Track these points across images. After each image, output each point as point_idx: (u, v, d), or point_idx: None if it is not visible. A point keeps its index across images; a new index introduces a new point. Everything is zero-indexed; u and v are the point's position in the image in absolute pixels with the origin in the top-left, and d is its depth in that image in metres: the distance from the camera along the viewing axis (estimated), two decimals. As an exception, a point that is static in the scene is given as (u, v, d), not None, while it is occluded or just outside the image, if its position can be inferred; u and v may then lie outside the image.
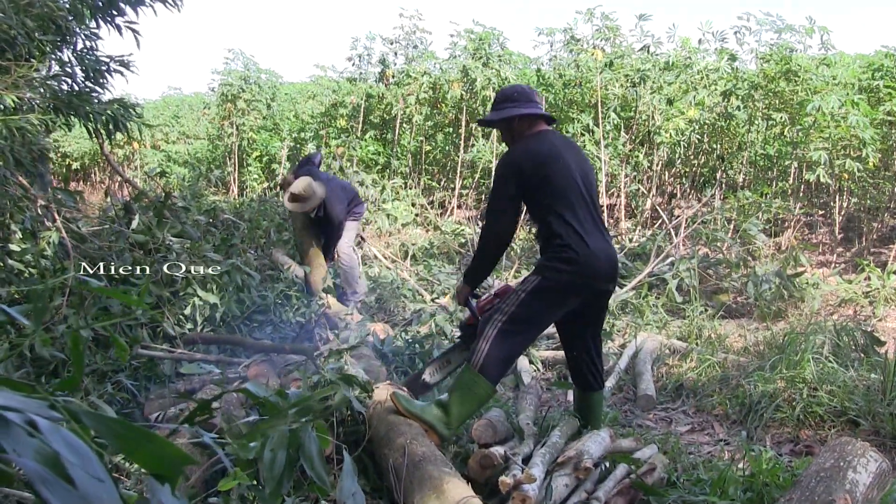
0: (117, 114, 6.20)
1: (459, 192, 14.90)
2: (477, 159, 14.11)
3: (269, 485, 2.04)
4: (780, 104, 11.68)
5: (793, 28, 11.49)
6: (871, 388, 5.33)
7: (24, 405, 0.87)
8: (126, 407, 4.69)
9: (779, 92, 11.54)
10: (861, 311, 8.44)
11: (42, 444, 0.82)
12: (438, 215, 14.24)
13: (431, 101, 14.76)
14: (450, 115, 15.02)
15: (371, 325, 6.98)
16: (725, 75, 12.07)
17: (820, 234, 12.02)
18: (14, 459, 0.81)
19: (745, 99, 12.04)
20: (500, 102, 4.54)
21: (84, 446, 0.84)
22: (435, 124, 15.46)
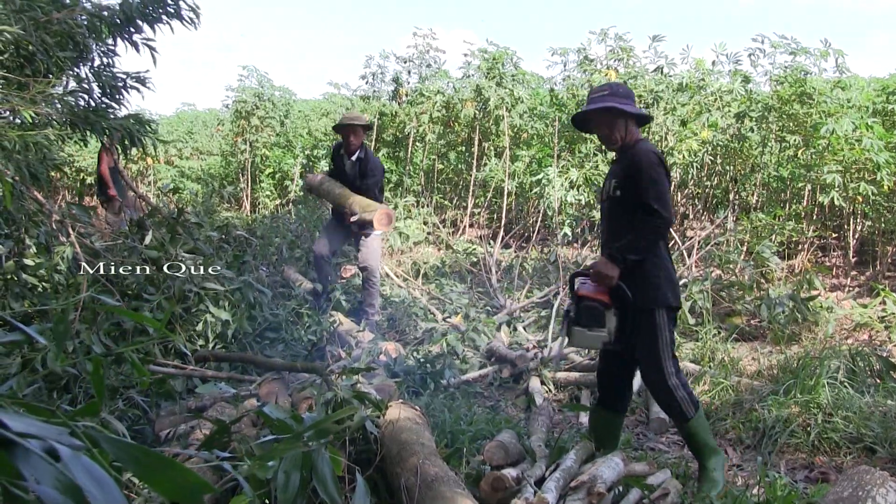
0: (133, 129, 6.22)
1: (471, 210, 14.91)
2: (489, 178, 14.12)
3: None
4: (794, 126, 11.64)
5: (807, 51, 11.46)
6: (887, 414, 5.29)
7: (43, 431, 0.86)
8: (137, 423, 4.68)
9: (793, 114, 11.52)
10: (876, 335, 8.37)
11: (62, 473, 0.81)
12: (450, 234, 14.24)
13: (444, 119, 14.78)
14: (462, 133, 15.04)
15: (383, 344, 6.97)
16: (739, 97, 12.06)
17: (834, 258, 11.97)
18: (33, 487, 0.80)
19: (758, 121, 12.01)
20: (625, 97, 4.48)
21: (105, 475, 0.82)
22: (448, 143, 15.48)
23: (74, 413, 1.19)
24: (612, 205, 4.47)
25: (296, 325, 7.28)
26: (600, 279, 4.28)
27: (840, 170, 10.31)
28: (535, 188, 12.88)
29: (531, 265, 11.37)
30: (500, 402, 6.39)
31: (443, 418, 4.97)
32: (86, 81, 6.44)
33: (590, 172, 12.44)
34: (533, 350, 7.10)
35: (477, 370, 6.88)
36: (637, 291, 4.27)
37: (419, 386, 6.18)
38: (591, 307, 4.30)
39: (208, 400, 4.94)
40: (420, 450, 3.80)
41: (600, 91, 4.50)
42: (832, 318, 8.40)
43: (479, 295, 9.80)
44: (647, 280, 4.31)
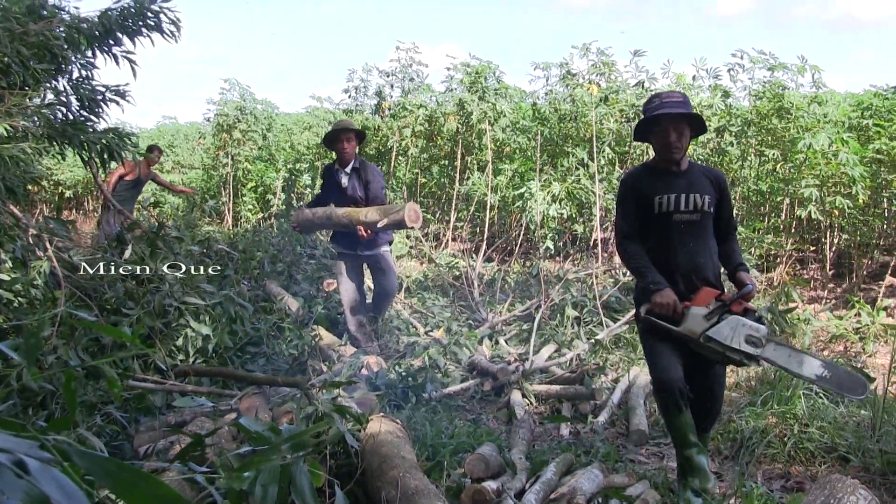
0: (112, 143, 6.17)
1: (454, 224, 14.92)
2: (472, 192, 14.14)
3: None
4: (773, 141, 11.75)
5: (785, 66, 11.60)
6: (861, 424, 5.38)
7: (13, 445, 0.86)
8: (115, 439, 4.65)
9: (771, 129, 11.63)
10: (851, 347, 8.45)
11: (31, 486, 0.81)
12: (433, 248, 14.24)
13: (427, 133, 14.81)
14: (445, 147, 15.07)
15: (364, 358, 6.97)
16: (719, 111, 12.13)
17: (811, 270, 12.04)
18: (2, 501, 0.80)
19: (738, 135, 12.12)
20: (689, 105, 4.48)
21: (74, 488, 0.82)
22: (430, 157, 15.50)
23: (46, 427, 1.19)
24: (703, 219, 4.41)
25: (277, 339, 7.26)
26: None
27: (817, 184, 10.42)
28: (518, 202, 12.91)
29: (513, 279, 11.38)
30: (481, 415, 6.39)
31: (424, 431, 4.97)
32: (64, 94, 6.37)
33: (572, 186, 12.48)
34: (514, 363, 7.11)
35: (459, 383, 6.87)
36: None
37: (401, 399, 6.18)
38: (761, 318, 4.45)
39: (188, 415, 4.93)
40: (401, 463, 3.80)
41: (675, 97, 4.45)
42: (809, 329, 8.45)
43: (461, 308, 9.80)
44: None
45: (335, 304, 8.90)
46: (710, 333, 4.09)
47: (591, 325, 8.70)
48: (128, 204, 11.79)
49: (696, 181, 4.41)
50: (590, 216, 12.77)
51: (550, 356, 7.70)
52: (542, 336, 8.32)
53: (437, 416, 5.73)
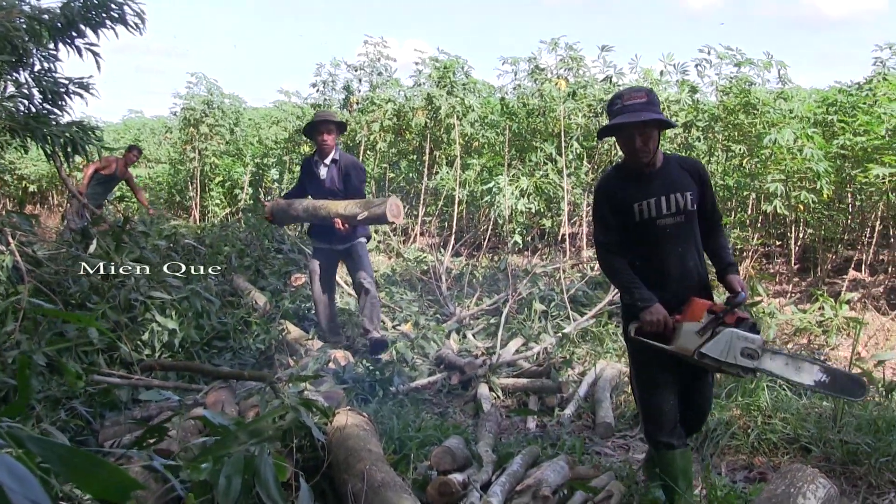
0: (76, 136, 6.09)
1: (422, 219, 14.91)
2: (440, 187, 14.14)
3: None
4: (739, 136, 11.83)
5: (752, 62, 11.69)
6: (822, 415, 5.45)
7: (-35, 431, 0.86)
8: (80, 434, 4.62)
9: (738, 124, 11.72)
10: (815, 340, 8.54)
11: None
12: (401, 242, 14.22)
13: (395, 128, 14.78)
14: (414, 142, 15.04)
15: (332, 352, 6.96)
16: (686, 107, 12.21)
17: (777, 265, 12.14)
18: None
19: (705, 130, 12.20)
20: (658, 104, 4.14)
21: (25, 472, 0.82)
22: (399, 151, 15.48)
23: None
24: (688, 219, 4.10)
25: (244, 333, 7.24)
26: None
27: (782, 178, 10.50)
28: (486, 197, 12.93)
29: (481, 273, 11.39)
30: (448, 409, 6.40)
31: (391, 425, 4.97)
32: (26, 87, 6.28)
33: (540, 181, 12.51)
34: (482, 357, 7.12)
35: (426, 377, 6.88)
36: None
37: (368, 393, 6.17)
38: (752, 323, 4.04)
39: (154, 409, 4.90)
40: (367, 456, 3.80)
41: (637, 98, 4.04)
42: (774, 323, 8.52)
43: (429, 303, 9.81)
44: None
45: (303, 299, 8.88)
46: (705, 350, 3.89)
47: (559, 318, 8.72)
48: (98, 199, 11.71)
49: (674, 179, 4.11)
50: (558, 211, 12.82)
51: (518, 350, 7.72)
52: (510, 330, 8.34)
53: (405, 410, 5.73)
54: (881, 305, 9.66)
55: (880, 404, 5.85)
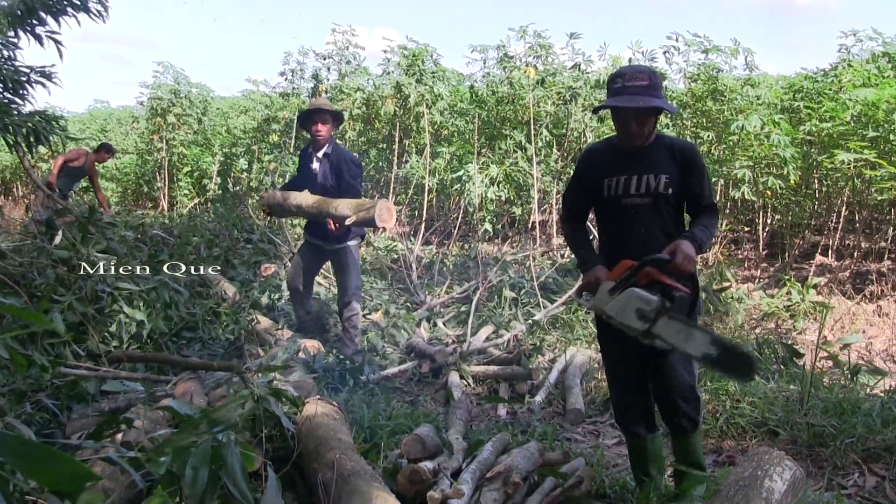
0: (39, 126, 6.01)
1: (392, 207, 14.86)
2: (410, 175, 14.11)
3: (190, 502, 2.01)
4: (707, 123, 11.90)
5: (719, 49, 11.74)
6: (789, 399, 5.51)
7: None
8: (47, 427, 4.57)
9: (706, 111, 11.78)
10: (782, 324, 8.63)
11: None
12: (371, 231, 14.19)
13: (365, 116, 14.72)
14: (383, 131, 14.99)
15: (302, 342, 6.94)
16: (655, 93, 12.22)
17: (745, 250, 12.22)
18: None
19: (673, 117, 12.22)
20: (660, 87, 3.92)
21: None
22: (368, 140, 15.42)
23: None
24: (657, 204, 3.95)
25: (213, 324, 7.20)
26: (687, 264, 3.72)
27: (750, 165, 10.58)
28: (456, 185, 12.93)
29: (452, 261, 11.41)
30: (419, 397, 6.41)
31: (361, 414, 4.97)
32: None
33: (510, 169, 12.52)
34: (452, 345, 7.13)
35: (397, 366, 6.88)
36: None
37: (338, 382, 6.16)
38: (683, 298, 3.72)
39: (122, 401, 4.86)
40: (337, 445, 3.79)
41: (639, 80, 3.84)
42: (742, 308, 8.60)
43: (399, 291, 9.80)
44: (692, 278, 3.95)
45: (273, 289, 8.84)
46: (606, 309, 3.77)
47: (529, 306, 8.76)
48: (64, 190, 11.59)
49: (656, 159, 3.96)
50: (528, 198, 12.84)
51: (488, 337, 7.74)
52: (480, 318, 8.36)
53: (375, 399, 5.72)
54: (847, 290, 9.77)
55: (846, 387, 5.92)
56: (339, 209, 6.79)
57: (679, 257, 3.70)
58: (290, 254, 10.44)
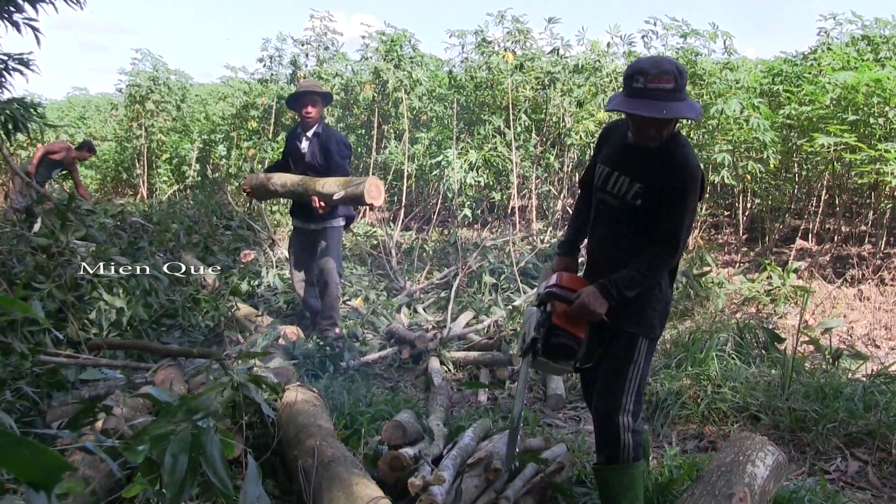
0: (17, 114, 5.99)
1: (372, 193, 14.83)
2: (389, 161, 14.08)
3: (170, 490, 2.01)
4: (686, 105, 11.90)
5: (698, 33, 11.75)
6: (771, 383, 5.52)
7: None
8: (27, 415, 4.55)
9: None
10: (763, 309, 8.65)
11: None
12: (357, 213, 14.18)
13: (343, 102, 14.68)
14: (362, 116, 14.94)
15: (282, 328, 6.93)
16: (633, 78, 12.23)
17: (725, 235, 12.27)
18: None
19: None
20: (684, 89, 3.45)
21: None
22: (347, 126, 15.37)
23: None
24: (624, 211, 3.62)
25: (193, 311, 7.18)
26: (583, 315, 3.52)
27: (730, 149, 10.59)
28: (435, 170, 12.91)
29: (431, 247, 11.41)
30: (399, 383, 6.41)
31: (342, 400, 4.97)
32: (-38, 63, 6.17)
33: (489, 154, 12.52)
34: (432, 331, 7.13)
35: (377, 352, 6.87)
36: (621, 311, 3.54)
37: (318, 369, 6.15)
38: (563, 345, 3.58)
39: (103, 389, 4.85)
40: (317, 432, 3.80)
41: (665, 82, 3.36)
42: (722, 293, 8.64)
43: (379, 277, 9.79)
44: (639, 303, 3.58)
45: (252, 275, 8.82)
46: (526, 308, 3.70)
47: (509, 291, 8.77)
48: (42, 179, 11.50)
49: (645, 163, 3.56)
50: (507, 184, 12.83)
51: (468, 323, 7.74)
52: (460, 303, 8.37)
53: (355, 385, 5.73)
54: (828, 274, 9.81)
55: (827, 371, 5.94)
56: (327, 186, 6.71)
57: (576, 305, 3.54)
58: (269, 240, 10.42)
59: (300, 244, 7.44)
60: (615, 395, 3.54)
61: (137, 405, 4.18)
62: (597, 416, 3.66)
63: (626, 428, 3.51)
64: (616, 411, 3.52)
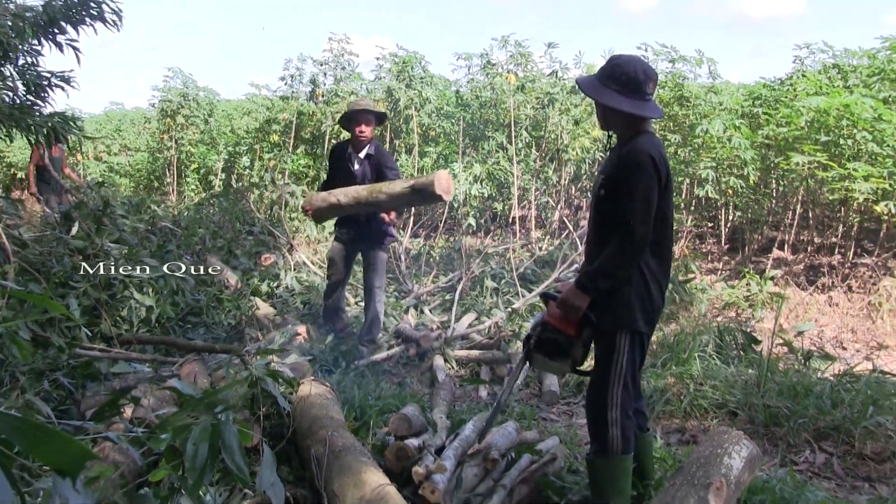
0: (57, 126, 6.04)
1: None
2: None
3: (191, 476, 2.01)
4: (674, 126, 11.91)
5: (685, 59, 11.78)
6: (748, 382, 5.54)
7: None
8: (63, 404, 4.57)
9: (673, 115, 11.79)
10: (742, 313, 8.68)
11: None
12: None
13: (358, 118, 14.67)
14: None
15: (298, 327, 6.94)
16: (626, 99, 12.22)
17: (708, 245, 12.25)
18: None
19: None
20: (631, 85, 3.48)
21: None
22: (361, 140, 15.36)
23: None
24: (596, 207, 3.64)
25: (216, 309, 7.19)
26: (566, 311, 3.53)
27: (713, 165, 10.63)
28: (442, 182, 12.90)
29: (438, 253, 11.42)
30: (406, 379, 6.41)
31: (353, 394, 4.96)
32: (10, 80, 6.21)
33: (492, 168, 12.52)
34: (437, 331, 7.13)
35: (385, 350, 6.87)
36: (600, 310, 3.52)
37: (331, 365, 6.15)
38: (553, 340, 3.60)
39: (132, 381, 4.87)
40: (329, 423, 3.81)
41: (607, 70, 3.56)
42: (705, 298, 8.65)
43: (389, 280, 9.78)
44: (611, 298, 3.51)
45: (272, 277, 8.83)
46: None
47: (509, 295, 8.77)
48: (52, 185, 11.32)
49: (611, 156, 3.62)
50: (508, 195, 12.82)
51: (471, 324, 7.74)
52: (464, 305, 8.37)
53: (365, 380, 5.73)
54: (801, 282, 9.82)
55: (799, 371, 5.96)
56: (395, 186, 6.14)
57: (558, 301, 3.57)
58: (287, 245, 10.42)
59: (344, 259, 6.93)
60: (600, 391, 3.55)
61: (164, 396, 4.19)
62: (587, 412, 3.68)
63: (614, 423, 3.50)
64: (602, 407, 3.52)
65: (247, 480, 2.14)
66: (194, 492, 2.13)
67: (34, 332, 4.83)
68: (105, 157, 19.13)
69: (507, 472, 3.87)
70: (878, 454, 4.63)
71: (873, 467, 4.53)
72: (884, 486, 4.31)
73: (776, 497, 3.58)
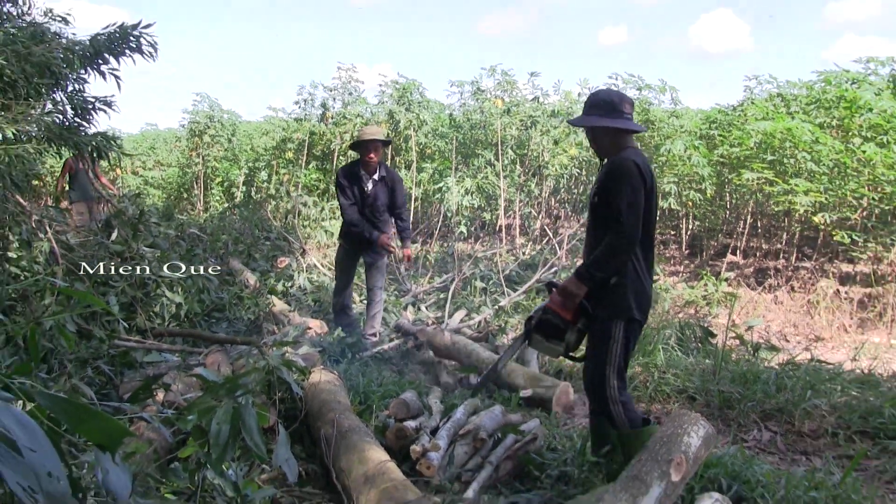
0: (100, 144, 6.12)
1: (385, 213, 14.81)
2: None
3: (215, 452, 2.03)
4: (641, 146, 11.95)
5: (650, 86, 11.86)
6: (705, 370, 5.57)
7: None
8: (104, 388, 4.58)
9: (639, 137, 11.82)
10: (700, 310, 8.73)
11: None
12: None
13: (363, 138, 14.66)
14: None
15: (309, 322, 6.95)
16: (598, 123, 12.26)
17: (671, 250, 12.28)
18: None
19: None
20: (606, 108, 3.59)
21: (31, 422, 0.81)
22: (365, 158, 15.34)
23: (10, 372, 1.17)
24: (592, 212, 3.67)
25: (237, 306, 7.20)
26: (565, 297, 3.53)
27: (675, 181, 10.70)
28: (437, 194, 12.91)
29: (433, 257, 11.41)
30: (405, 368, 6.40)
31: (358, 381, 4.96)
32: (60, 104, 6.34)
33: (481, 182, 12.53)
34: (432, 325, 7.13)
35: (387, 342, 6.87)
36: (595, 299, 3.54)
37: (339, 356, 6.16)
38: (549, 321, 3.58)
39: (164, 368, 4.87)
40: (337, 407, 3.82)
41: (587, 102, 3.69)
42: (668, 297, 8.67)
43: (389, 281, 9.79)
44: (605, 288, 3.51)
45: (286, 278, 8.84)
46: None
47: (496, 294, 8.78)
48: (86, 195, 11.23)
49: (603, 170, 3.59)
50: (495, 206, 12.83)
51: (462, 319, 7.75)
52: (456, 303, 8.37)
53: (369, 369, 5.72)
54: (751, 282, 9.89)
55: (749, 361, 5.99)
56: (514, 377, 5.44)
57: (559, 288, 3.58)
58: (300, 249, 10.43)
59: (351, 265, 7.04)
60: (600, 378, 3.54)
61: (191, 382, 4.20)
62: (590, 397, 3.67)
63: (613, 400, 3.52)
64: (605, 393, 3.54)
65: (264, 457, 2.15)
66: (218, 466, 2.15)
67: (79, 324, 4.86)
68: (141, 172, 19.10)
69: (493, 450, 3.88)
70: (815, 431, 4.67)
71: (810, 443, 4.57)
72: (818, 458, 4.36)
73: (728, 470, 3.61)
